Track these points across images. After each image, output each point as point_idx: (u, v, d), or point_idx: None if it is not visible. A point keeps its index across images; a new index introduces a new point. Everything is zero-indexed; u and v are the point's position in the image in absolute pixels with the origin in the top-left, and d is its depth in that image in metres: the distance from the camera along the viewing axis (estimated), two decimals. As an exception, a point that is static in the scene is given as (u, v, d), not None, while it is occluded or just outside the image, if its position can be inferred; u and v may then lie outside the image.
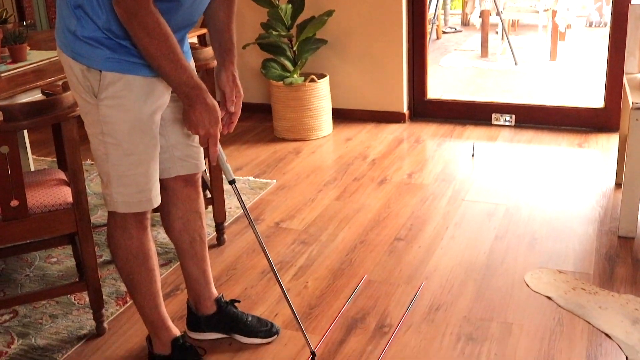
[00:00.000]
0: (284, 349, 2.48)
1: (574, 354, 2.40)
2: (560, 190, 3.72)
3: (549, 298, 2.73)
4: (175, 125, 2.23)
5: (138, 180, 2.08)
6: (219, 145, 2.10)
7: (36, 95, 2.93)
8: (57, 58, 3.08)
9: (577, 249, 3.10)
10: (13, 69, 3.19)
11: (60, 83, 2.86)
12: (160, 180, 2.24)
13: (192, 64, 2.23)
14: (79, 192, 2.42)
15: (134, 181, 2.08)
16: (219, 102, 2.12)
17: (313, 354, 2.29)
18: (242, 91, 2.24)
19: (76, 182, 2.41)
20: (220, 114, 2.04)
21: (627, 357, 2.36)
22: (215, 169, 3.11)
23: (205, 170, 3.36)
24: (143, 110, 2.02)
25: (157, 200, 2.16)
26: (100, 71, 1.96)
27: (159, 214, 2.44)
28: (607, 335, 2.49)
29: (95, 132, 2.04)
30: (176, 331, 2.33)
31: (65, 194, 2.48)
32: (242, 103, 2.26)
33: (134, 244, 2.17)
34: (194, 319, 2.54)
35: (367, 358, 2.42)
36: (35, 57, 3.38)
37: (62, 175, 2.68)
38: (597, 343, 2.45)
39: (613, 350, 2.41)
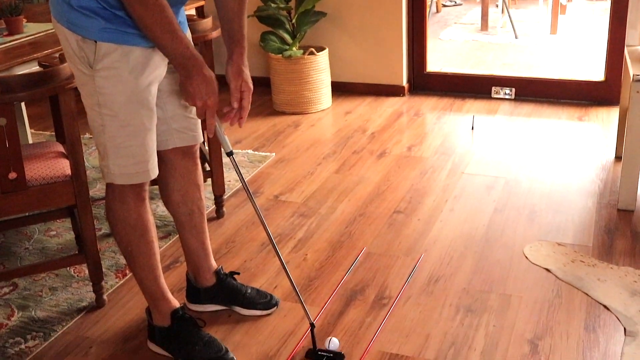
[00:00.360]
0: (283, 321, 2.49)
1: (572, 325, 2.41)
2: (560, 163, 3.71)
3: (548, 270, 2.73)
4: (173, 96, 2.21)
5: (135, 152, 2.07)
6: (216, 117, 2.08)
7: (33, 68, 2.91)
8: (53, 30, 3.05)
9: (577, 221, 3.10)
10: (9, 41, 3.17)
11: (57, 55, 2.84)
12: (158, 152, 2.22)
13: (188, 34, 2.21)
14: (78, 164, 2.41)
15: (130, 153, 2.07)
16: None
17: (312, 325, 2.29)
18: (251, 85, 2.18)
19: (74, 154, 2.40)
20: (217, 85, 2.03)
21: (625, 329, 2.37)
22: (214, 142, 3.09)
23: (204, 143, 3.36)
24: (139, 81, 2.00)
25: (154, 172, 2.15)
26: (96, 42, 1.94)
27: (157, 186, 2.44)
28: (605, 307, 2.50)
29: (92, 104, 2.03)
30: (175, 303, 2.33)
31: (64, 167, 2.48)
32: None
33: (132, 216, 2.16)
34: (194, 291, 2.54)
35: (366, 329, 2.43)
36: (31, 30, 3.36)
37: (60, 148, 2.67)
38: (596, 315, 2.46)
39: (611, 322, 2.42)
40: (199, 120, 2.27)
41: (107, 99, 1.99)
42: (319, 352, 2.28)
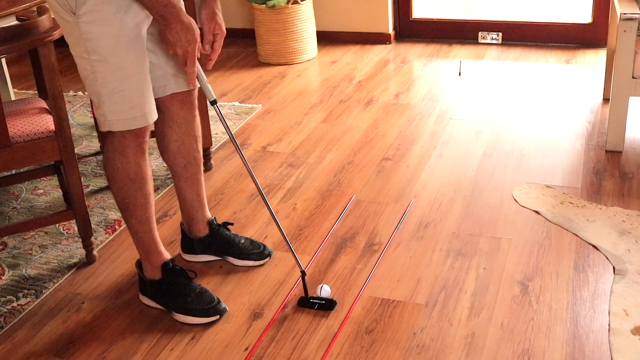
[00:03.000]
0: (274, 270, 2.49)
1: (562, 266, 2.42)
2: (548, 106, 3.70)
3: (537, 212, 2.74)
4: None
5: (130, 95, 2.03)
6: (197, 65, 2.05)
7: (11, 22, 2.85)
8: (31, -16, 2.99)
9: (565, 164, 3.10)
10: (-14, -3, 3.10)
11: (35, 9, 2.78)
12: (156, 100, 2.18)
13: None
14: (61, 119, 2.38)
15: (125, 97, 2.03)
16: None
17: (303, 273, 2.29)
18: (224, 28, 2.17)
19: (57, 109, 2.37)
20: (197, 32, 1.99)
21: (614, 268, 2.39)
22: (199, 93, 3.05)
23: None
24: (125, 22, 1.95)
25: (152, 117, 2.10)
26: None
27: (154, 139, 2.41)
28: (594, 247, 2.51)
29: (80, 52, 1.99)
30: (167, 255, 2.32)
31: (47, 122, 2.44)
32: (225, 29, 2.20)
33: (132, 168, 2.13)
34: (188, 242, 2.54)
35: (357, 275, 2.43)
36: (8, -16, 3.28)
37: (43, 104, 2.63)
38: (585, 255, 2.47)
39: (600, 261, 2.43)
40: None
41: (94, 44, 1.95)
42: (311, 300, 2.29)
